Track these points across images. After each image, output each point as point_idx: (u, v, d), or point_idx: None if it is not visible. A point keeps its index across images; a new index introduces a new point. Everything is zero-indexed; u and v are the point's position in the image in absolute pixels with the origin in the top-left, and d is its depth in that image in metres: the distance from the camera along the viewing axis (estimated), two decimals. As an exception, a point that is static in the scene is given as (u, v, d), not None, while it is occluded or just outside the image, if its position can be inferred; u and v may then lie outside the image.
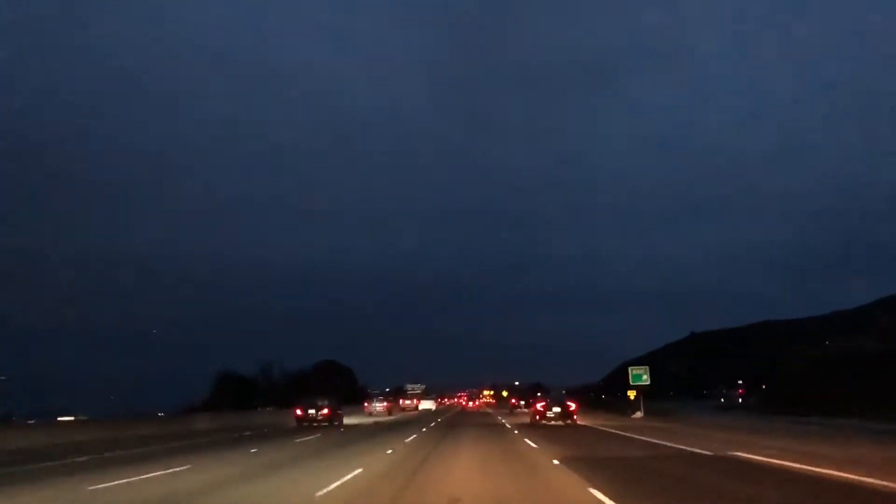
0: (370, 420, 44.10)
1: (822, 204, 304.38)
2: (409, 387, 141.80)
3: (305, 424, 33.41)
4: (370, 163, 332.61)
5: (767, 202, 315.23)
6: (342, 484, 10.59)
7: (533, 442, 19.73)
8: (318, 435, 25.93)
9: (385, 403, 60.55)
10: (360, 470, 12.43)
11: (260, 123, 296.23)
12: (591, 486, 9.78)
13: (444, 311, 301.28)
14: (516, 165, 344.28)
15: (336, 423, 34.86)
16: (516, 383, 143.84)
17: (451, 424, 34.98)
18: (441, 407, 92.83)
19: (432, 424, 34.63)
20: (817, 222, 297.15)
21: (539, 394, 55.98)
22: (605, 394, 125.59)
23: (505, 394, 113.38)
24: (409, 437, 23.33)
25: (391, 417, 50.88)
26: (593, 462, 13.68)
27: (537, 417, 32.36)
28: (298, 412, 34.35)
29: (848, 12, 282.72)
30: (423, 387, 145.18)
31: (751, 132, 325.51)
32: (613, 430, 26.10)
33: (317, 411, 34.22)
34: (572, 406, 32.31)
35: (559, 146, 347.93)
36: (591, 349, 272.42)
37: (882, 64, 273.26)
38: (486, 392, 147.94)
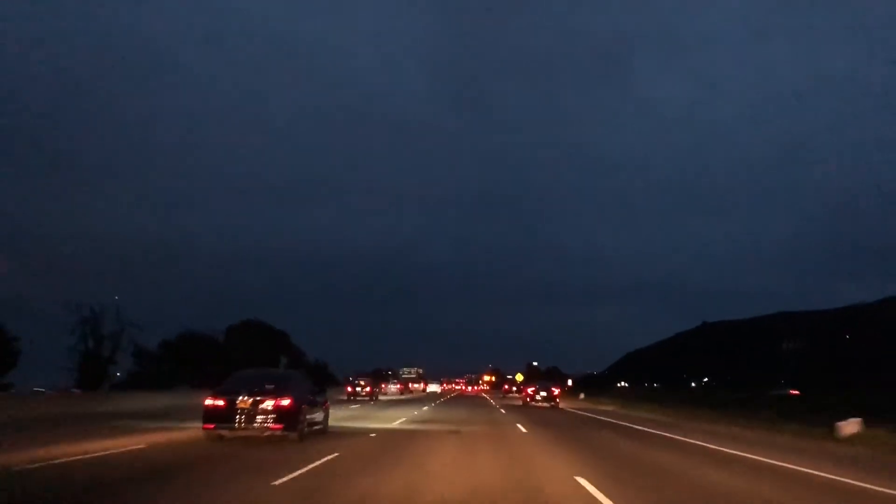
0: (386, 398, 55.30)
1: (837, 198, 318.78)
2: (403, 370, 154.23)
3: (353, 398, 49.82)
4: (368, 145, 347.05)
5: (781, 194, 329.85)
6: (421, 412, 28.35)
7: (503, 409, 37.38)
8: (373, 402, 43.45)
9: (399, 385, 78.97)
10: (422, 409, 30.26)
11: (252, 96, 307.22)
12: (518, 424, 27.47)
13: (442, 298, 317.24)
14: (523, 153, 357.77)
15: (374, 398, 51.54)
16: (535, 363, 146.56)
17: (456, 401, 52.90)
18: (444, 390, 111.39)
19: (441, 400, 52.54)
20: (832, 216, 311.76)
21: (561, 380, 66.23)
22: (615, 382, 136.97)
23: (520, 377, 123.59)
24: (431, 404, 41.02)
25: (403, 397, 63.97)
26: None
27: (528, 400, 40.92)
28: (349, 389, 51.57)
29: (858, 5, 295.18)
30: (420, 370, 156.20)
31: (764, 123, 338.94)
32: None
33: (361, 389, 51.54)
34: (556, 391, 41.81)
35: (564, 134, 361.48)
36: (601, 338, 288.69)
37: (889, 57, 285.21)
38: (485, 377, 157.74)
